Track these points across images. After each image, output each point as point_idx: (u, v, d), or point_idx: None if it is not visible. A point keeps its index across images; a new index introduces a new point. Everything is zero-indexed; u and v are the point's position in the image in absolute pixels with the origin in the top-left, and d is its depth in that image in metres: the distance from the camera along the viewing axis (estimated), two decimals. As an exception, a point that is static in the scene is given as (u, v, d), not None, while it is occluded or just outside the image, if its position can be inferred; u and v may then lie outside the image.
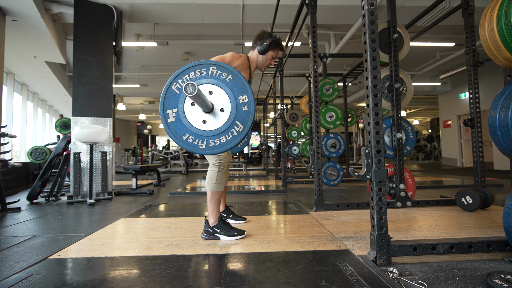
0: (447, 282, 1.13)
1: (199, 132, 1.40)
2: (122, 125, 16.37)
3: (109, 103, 3.73)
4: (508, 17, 1.24)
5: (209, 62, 1.42)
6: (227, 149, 1.41)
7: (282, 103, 4.59)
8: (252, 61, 1.89)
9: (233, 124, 1.40)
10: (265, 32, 1.87)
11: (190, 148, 1.40)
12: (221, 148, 1.40)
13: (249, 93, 1.41)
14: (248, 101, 1.40)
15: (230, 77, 1.40)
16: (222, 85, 1.41)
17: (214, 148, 1.41)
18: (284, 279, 1.13)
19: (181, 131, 1.40)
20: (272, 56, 1.89)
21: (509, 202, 1.29)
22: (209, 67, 1.41)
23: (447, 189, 3.91)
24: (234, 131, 1.40)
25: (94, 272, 1.24)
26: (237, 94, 1.40)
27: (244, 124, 1.40)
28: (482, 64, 2.45)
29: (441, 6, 4.24)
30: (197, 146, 1.40)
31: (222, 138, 1.40)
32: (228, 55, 1.72)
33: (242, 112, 1.40)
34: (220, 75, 1.40)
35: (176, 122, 1.40)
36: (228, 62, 1.70)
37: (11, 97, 6.52)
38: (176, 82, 1.40)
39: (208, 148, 1.40)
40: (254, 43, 1.89)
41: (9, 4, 3.74)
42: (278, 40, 1.87)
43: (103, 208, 2.97)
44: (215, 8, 4.55)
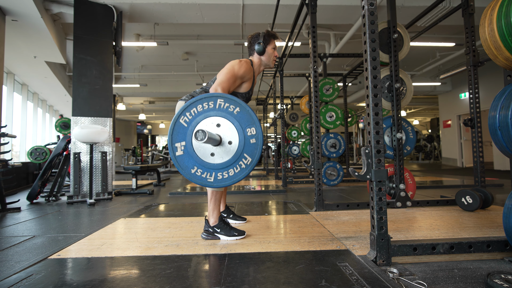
0: (447, 282, 1.13)
1: (207, 165, 1.41)
2: (122, 125, 16.37)
3: (109, 103, 3.73)
4: (508, 17, 1.24)
5: (216, 95, 1.42)
6: (235, 181, 1.42)
7: (282, 103, 4.59)
8: (255, 64, 1.91)
9: (241, 156, 1.41)
10: (253, 34, 1.91)
11: (198, 182, 1.41)
12: (229, 180, 1.42)
13: (257, 125, 1.41)
14: (256, 133, 1.41)
15: (238, 109, 1.41)
16: (230, 118, 1.41)
17: (223, 181, 1.42)
18: (284, 279, 1.13)
19: (190, 164, 1.41)
20: (273, 49, 1.92)
21: (509, 202, 1.29)
22: (216, 99, 1.41)
23: (447, 189, 3.91)
24: (242, 163, 1.41)
25: (94, 272, 1.24)
26: (245, 127, 1.41)
27: (252, 157, 1.41)
28: (482, 64, 2.45)
29: (441, 6, 4.24)
30: (205, 180, 1.41)
31: (230, 171, 1.41)
32: (236, 67, 1.73)
33: (250, 145, 1.41)
34: (227, 107, 1.41)
35: (185, 156, 1.40)
36: (237, 73, 1.72)
37: (11, 97, 6.52)
38: (184, 115, 1.40)
39: (216, 181, 1.42)
40: (250, 49, 1.92)
41: (9, 4, 3.74)
42: (268, 32, 1.90)
43: (103, 208, 2.97)
44: (215, 8, 4.55)
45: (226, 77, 1.68)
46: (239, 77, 1.74)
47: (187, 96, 1.83)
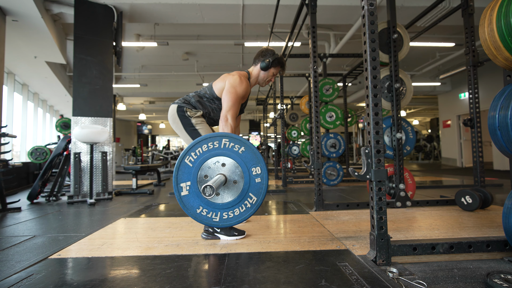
0: (446, 282, 1.13)
1: (212, 205, 1.41)
2: (122, 125, 16.37)
3: (109, 103, 3.73)
4: (508, 17, 1.24)
5: (221, 135, 1.43)
6: (240, 221, 1.43)
7: (282, 103, 4.59)
8: (253, 77, 1.93)
9: (247, 196, 1.41)
10: (268, 49, 1.92)
11: (204, 222, 1.42)
12: (234, 220, 1.42)
13: (262, 165, 1.42)
14: (261, 172, 1.42)
15: (243, 149, 1.42)
16: (235, 157, 1.42)
17: (228, 221, 1.42)
18: (284, 278, 1.13)
19: (195, 204, 1.41)
20: (273, 73, 1.95)
21: (509, 202, 1.30)
22: (221, 139, 1.42)
23: (447, 189, 3.91)
24: (247, 203, 1.41)
25: (94, 272, 1.24)
26: (250, 166, 1.42)
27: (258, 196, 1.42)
28: (482, 64, 2.46)
29: (441, 6, 4.24)
30: (211, 219, 1.42)
31: (235, 210, 1.42)
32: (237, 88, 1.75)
33: (256, 184, 1.42)
34: (232, 147, 1.42)
35: (190, 196, 1.41)
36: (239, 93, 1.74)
37: (12, 97, 6.52)
38: (189, 155, 1.41)
39: (221, 221, 1.42)
40: (257, 59, 1.93)
41: (9, 4, 3.75)
42: (280, 58, 1.93)
43: (103, 208, 2.97)
44: (215, 8, 4.55)
45: (233, 102, 1.72)
46: (242, 97, 1.79)
47: (180, 100, 1.84)
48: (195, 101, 1.83)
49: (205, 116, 1.86)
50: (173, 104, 1.82)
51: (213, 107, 1.86)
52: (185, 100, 1.83)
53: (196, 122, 1.79)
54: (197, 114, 1.80)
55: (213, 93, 1.83)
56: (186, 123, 1.79)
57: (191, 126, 1.78)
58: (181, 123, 1.79)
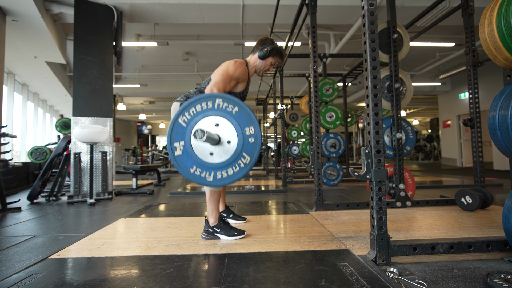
0: (446, 282, 1.13)
1: (206, 165, 1.41)
2: (122, 125, 16.37)
3: (109, 103, 3.73)
4: (508, 17, 1.24)
5: (215, 95, 1.42)
6: (234, 180, 1.42)
7: (282, 103, 4.59)
8: (250, 65, 1.91)
9: (240, 156, 1.41)
10: (267, 38, 1.90)
11: (198, 181, 1.41)
12: (228, 180, 1.42)
13: (255, 125, 1.41)
14: (255, 133, 1.41)
15: (236, 109, 1.41)
16: (228, 117, 1.41)
17: (222, 180, 1.42)
18: (284, 278, 1.13)
19: (189, 164, 1.40)
20: (271, 63, 1.91)
21: (509, 202, 1.30)
22: (215, 99, 1.41)
23: (447, 189, 3.91)
24: (241, 163, 1.41)
25: (94, 272, 1.25)
26: (244, 126, 1.41)
27: (251, 156, 1.41)
28: (482, 64, 2.46)
29: (441, 6, 4.24)
30: (204, 179, 1.41)
31: (229, 170, 1.41)
32: (230, 68, 1.73)
33: (249, 144, 1.41)
34: (226, 107, 1.41)
35: (184, 155, 1.40)
36: (232, 75, 1.72)
37: (12, 97, 6.52)
38: (183, 115, 1.40)
39: (215, 181, 1.41)
40: (255, 48, 1.91)
41: (9, 4, 3.75)
42: (279, 48, 1.90)
43: (103, 208, 2.97)
44: (215, 8, 4.55)
45: (221, 78, 1.68)
46: (234, 78, 1.74)
47: (182, 97, 1.83)
48: None
49: None
50: (175, 102, 1.82)
51: None
52: (187, 97, 1.83)
53: None
54: None
55: None
56: None
57: None
58: None
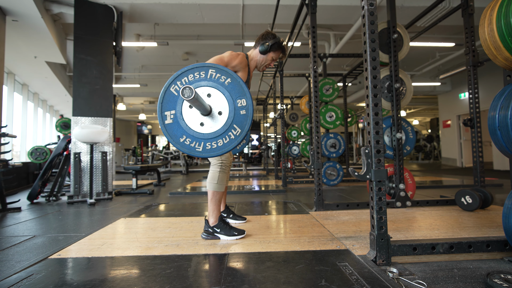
0: (446, 282, 1.13)
1: (196, 135, 1.40)
2: (122, 125, 16.37)
3: (109, 103, 3.73)
4: (508, 17, 1.24)
5: (208, 65, 1.42)
6: (223, 152, 1.41)
7: (282, 103, 4.59)
8: (251, 60, 1.89)
9: (231, 127, 1.40)
10: (269, 32, 1.88)
11: (187, 151, 1.40)
12: (218, 151, 1.40)
13: (247, 97, 1.40)
14: (246, 105, 1.40)
15: (229, 80, 1.40)
16: (220, 88, 1.40)
17: (211, 151, 1.40)
18: (284, 278, 1.13)
19: (179, 133, 1.40)
20: (273, 58, 1.90)
21: (509, 202, 1.30)
22: (208, 69, 1.41)
23: (447, 189, 3.91)
24: (231, 134, 1.40)
25: (94, 272, 1.25)
26: (236, 98, 1.40)
27: (242, 128, 1.40)
28: (482, 64, 2.46)
29: (441, 6, 4.24)
30: (193, 149, 1.40)
31: (219, 141, 1.40)
32: (226, 54, 1.73)
33: (240, 116, 1.40)
34: (219, 78, 1.40)
35: (174, 124, 1.39)
36: (227, 62, 1.70)
37: (12, 97, 6.52)
38: (175, 84, 1.39)
39: (205, 151, 1.40)
40: (257, 42, 1.89)
41: (9, 4, 3.75)
42: (281, 43, 1.88)
43: (103, 208, 2.97)
44: (215, 8, 4.55)
45: (215, 60, 1.68)
46: (231, 66, 1.73)
47: None
48: None
49: None
50: None
51: None
52: None
53: None
54: None
55: None
56: None
57: None
58: None
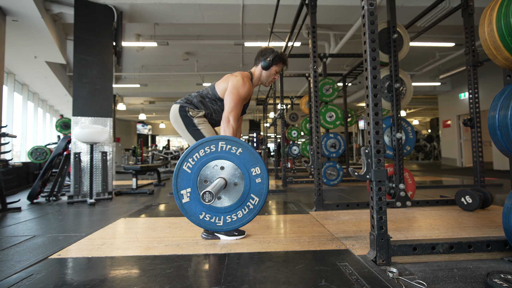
0: (446, 282, 1.13)
1: (215, 210, 1.40)
2: (122, 125, 16.37)
3: (109, 103, 3.73)
4: (508, 17, 1.24)
5: (217, 138, 1.42)
6: (244, 223, 1.41)
7: (282, 103, 4.59)
8: (255, 78, 1.92)
9: (248, 197, 1.40)
10: (266, 48, 1.91)
11: (208, 227, 1.41)
12: (238, 222, 1.41)
13: (261, 164, 1.41)
14: (261, 172, 1.40)
15: (240, 150, 1.40)
16: (233, 159, 1.41)
17: (232, 224, 1.41)
18: (284, 278, 1.13)
19: (197, 210, 1.40)
20: (276, 71, 1.93)
21: (509, 202, 1.30)
22: (218, 143, 1.41)
23: (447, 189, 3.91)
24: (250, 204, 1.40)
25: (94, 272, 1.25)
26: (249, 167, 1.40)
27: (259, 196, 1.40)
28: (482, 64, 2.46)
29: (440, 6, 4.24)
30: (214, 224, 1.41)
31: (238, 212, 1.41)
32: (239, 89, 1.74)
33: (256, 185, 1.40)
34: (229, 149, 1.40)
35: (191, 202, 1.40)
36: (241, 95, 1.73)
37: (12, 97, 6.52)
38: (187, 162, 1.39)
39: (225, 225, 1.41)
40: (257, 59, 1.92)
41: (9, 4, 3.74)
42: (281, 55, 1.91)
43: (103, 208, 2.97)
44: (215, 8, 4.55)
45: (234, 103, 1.70)
46: (244, 98, 1.77)
47: (182, 100, 1.84)
48: (197, 101, 1.83)
49: (207, 116, 1.86)
50: (175, 104, 1.82)
51: (215, 108, 1.86)
52: (187, 100, 1.83)
53: (198, 122, 1.79)
54: (199, 114, 1.80)
55: (216, 94, 1.82)
56: (188, 123, 1.78)
57: (193, 126, 1.78)
58: (183, 123, 1.79)
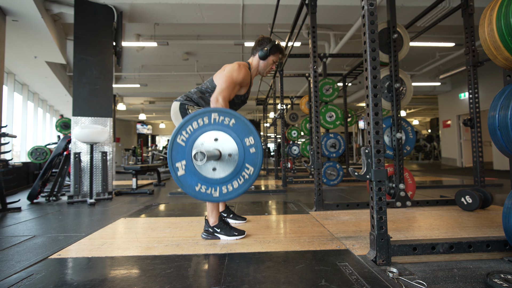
0: (446, 282, 1.13)
1: (210, 181, 1.40)
2: (122, 125, 16.37)
3: (109, 103, 3.73)
4: (508, 17, 1.24)
5: (210, 110, 1.42)
6: (240, 193, 1.41)
7: (282, 103, 4.59)
8: (253, 68, 1.91)
9: (243, 167, 1.40)
10: (264, 37, 1.89)
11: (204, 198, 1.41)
12: (234, 193, 1.41)
13: (254, 134, 1.41)
14: (255, 142, 1.40)
15: (233, 121, 1.40)
16: (226, 130, 1.41)
17: (228, 194, 1.41)
18: (284, 278, 1.13)
19: (193, 182, 1.40)
20: (273, 61, 1.91)
21: (509, 202, 1.30)
22: (210, 114, 1.41)
23: (447, 189, 3.91)
24: (245, 174, 1.40)
25: (94, 272, 1.25)
26: (243, 137, 1.40)
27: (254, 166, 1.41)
28: (482, 64, 2.46)
29: (440, 6, 4.24)
30: (210, 195, 1.41)
31: (234, 183, 1.41)
32: (234, 73, 1.72)
33: (251, 155, 1.40)
34: (222, 121, 1.40)
35: (187, 175, 1.40)
36: (235, 80, 1.71)
37: (12, 97, 6.52)
38: (181, 134, 1.39)
39: (222, 195, 1.41)
40: (254, 49, 1.91)
41: (9, 4, 3.74)
42: (278, 45, 1.89)
43: (103, 208, 2.97)
44: (215, 8, 4.55)
45: (226, 85, 1.68)
46: (238, 83, 1.74)
47: (182, 97, 1.83)
48: (197, 97, 1.82)
49: None
50: (175, 101, 1.82)
51: None
52: (187, 97, 1.83)
53: None
54: None
55: (214, 86, 1.81)
56: None
57: None
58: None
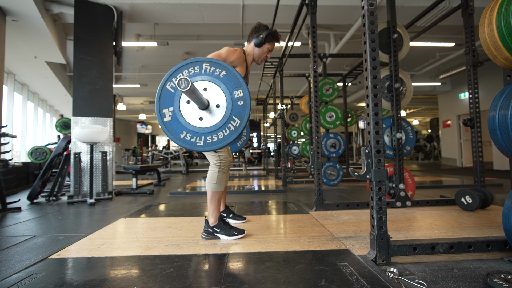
0: (446, 282, 1.13)
1: (196, 130, 1.40)
2: (122, 125, 16.37)
3: (109, 103, 3.73)
4: (508, 17, 1.24)
5: (202, 59, 1.41)
6: (225, 144, 1.40)
7: (282, 103, 4.59)
8: (248, 54, 1.90)
9: (230, 119, 1.40)
10: (261, 24, 1.89)
11: (188, 146, 1.40)
12: (219, 144, 1.40)
13: (243, 87, 1.40)
14: (243, 95, 1.40)
15: (224, 72, 1.40)
16: (216, 81, 1.40)
17: (212, 145, 1.41)
18: (284, 278, 1.13)
19: (178, 129, 1.40)
20: (269, 49, 1.91)
21: (509, 202, 1.30)
22: (202, 64, 1.41)
23: (447, 189, 3.91)
24: (231, 126, 1.40)
25: (94, 272, 1.25)
26: (232, 89, 1.40)
27: (241, 119, 1.40)
28: (482, 64, 2.46)
29: (440, 6, 4.24)
30: (195, 144, 1.40)
31: (219, 134, 1.40)
32: (223, 50, 1.73)
33: (238, 107, 1.40)
34: (213, 71, 1.40)
35: (173, 121, 1.39)
36: (224, 58, 1.70)
37: (12, 97, 6.52)
38: (170, 81, 1.39)
39: (206, 145, 1.40)
40: (250, 36, 1.90)
41: (9, 4, 3.74)
42: (274, 33, 1.89)
43: (103, 208, 2.97)
44: (215, 8, 4.55)
45: (213, 56, 1.67)
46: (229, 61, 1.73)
47: None
48: None
49: None
50: None
51: None
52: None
53: None
54: None
55: None
56: None
57: None
58: None
